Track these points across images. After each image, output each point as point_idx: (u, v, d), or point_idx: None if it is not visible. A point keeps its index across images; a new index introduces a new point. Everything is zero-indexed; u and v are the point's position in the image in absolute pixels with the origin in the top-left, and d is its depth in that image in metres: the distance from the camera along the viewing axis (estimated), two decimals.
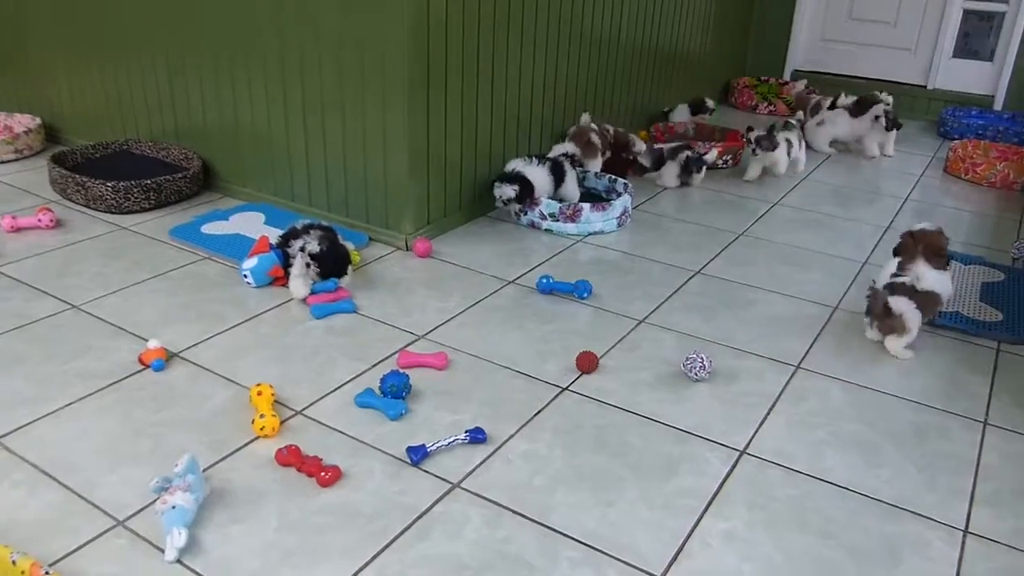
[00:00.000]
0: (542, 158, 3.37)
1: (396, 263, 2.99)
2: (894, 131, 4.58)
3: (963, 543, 1.79)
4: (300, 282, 2.65)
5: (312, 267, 2.65)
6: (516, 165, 3.27)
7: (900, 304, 2.44)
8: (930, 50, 5.40)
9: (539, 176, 3.29)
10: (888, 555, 1.74)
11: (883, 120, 4.53)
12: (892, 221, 3.64)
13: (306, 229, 2.75)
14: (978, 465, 2.05)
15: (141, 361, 2.28)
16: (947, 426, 2.19)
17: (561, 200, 3.38)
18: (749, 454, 2.04)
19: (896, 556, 1.74)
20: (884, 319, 2.48)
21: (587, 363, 2.34)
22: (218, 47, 3.27)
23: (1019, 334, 2.65)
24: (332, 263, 2.70)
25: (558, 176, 3.39)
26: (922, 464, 2.04)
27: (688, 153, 3.92)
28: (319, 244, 2.65)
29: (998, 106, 5.20)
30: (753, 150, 4.01)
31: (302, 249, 2.65)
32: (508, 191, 3.22)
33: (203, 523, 1.73)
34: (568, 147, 3.57)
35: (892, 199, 3.94)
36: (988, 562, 1.74)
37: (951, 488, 1.96)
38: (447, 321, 2.60)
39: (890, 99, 4.70)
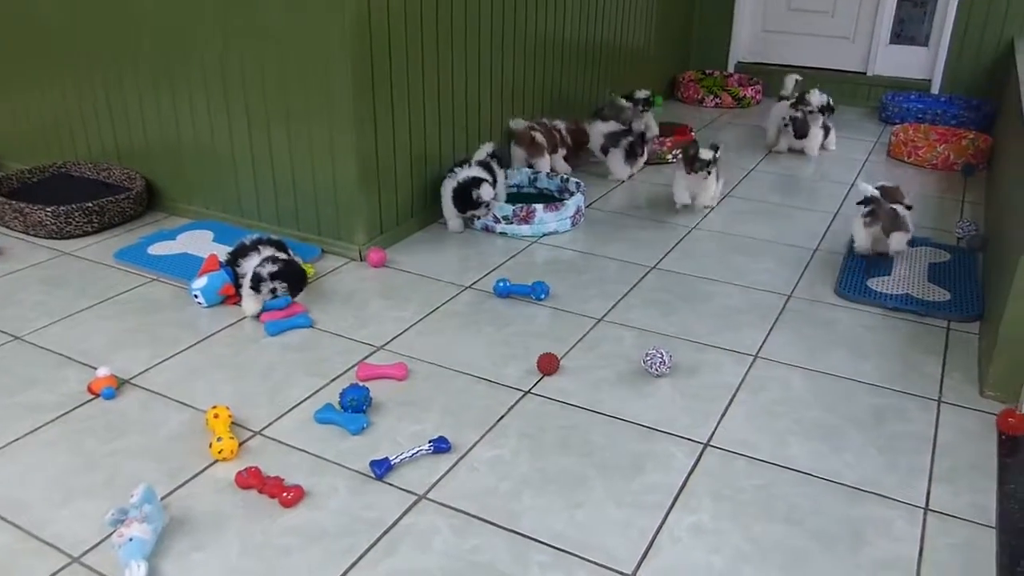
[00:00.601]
0: (468, 162, 3.30)
1: (350, 274, 2.96)
2: (802, 140, 4.39)
3: (924, 521, 1.82)
4: (252, 299, 2.60)
5: (280, 290, 2.61)
6: (460, 174, 3.21)
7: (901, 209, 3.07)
8: (868, 37, 5.50)
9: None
10: (853, 538, 1.76)
11: (789, 127, 4.37)
12: (840, 207, 3.70)
13: (255, 245, 2.70)
14: (935, 443, 2.08)
15: (90, 390, 2.21)
16: (904, 406, 2.23)
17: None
18: (713, 446, 2.05)
19: (861, 538, 1.76)
20: (894, 219, 3.04)
21: (548, 365, 2.33)
22: (156, 62, 3.21)
23: (967, 312, 2.70)
24: (297, 279, 2.66)
25: (491, 176, 3.33)
26: (882, 445, 2.06)
27: (630, 137, 3.93)
28: (274, 264, 2.59)
29: (935, 90, 5.31)
30: (708, 171, 3.51)
31: (262, 278, 2.58)
32: (488, 189, 3.16)
33: (163, 553, 1.69)
34: (489, 147, 3.42)
35: (838, 185, 4.00)
36: (949, 537, 1.77)
37: (911, 467, 1.99)
38: (405, 331, 2.57)
39: (823, 98, 4.45)
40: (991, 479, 1.96)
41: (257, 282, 2.58)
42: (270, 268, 2.58)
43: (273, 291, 2.60)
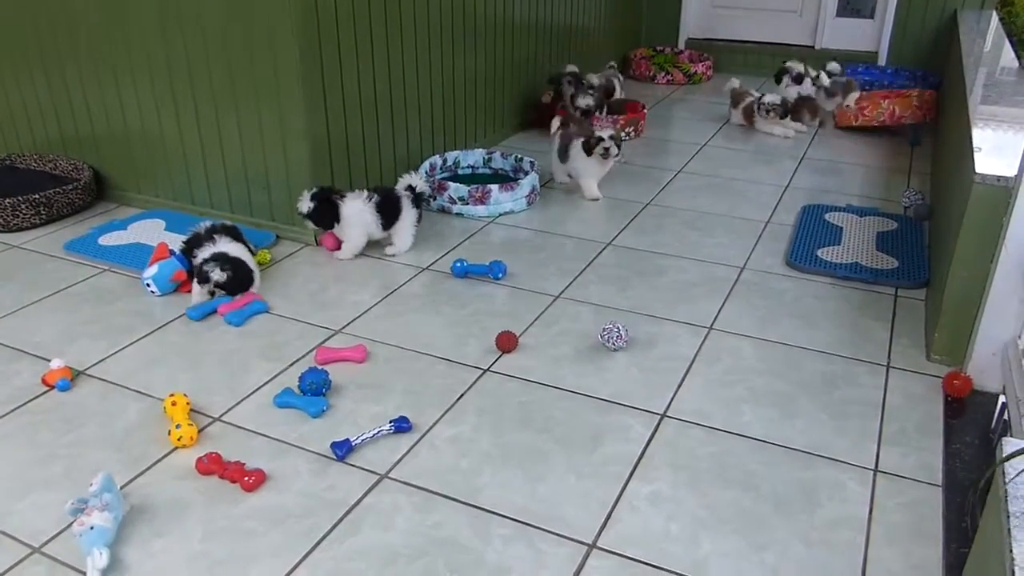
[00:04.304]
0: (375, 191, 2.92)
1: (306, 259, 2.95)
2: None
3: (874, 482, 1.87)
4: (199, 292, 2.59)
5: (219, 294, 2.59)
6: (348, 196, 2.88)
7: None
8: (815, 10, 5.57)
9: (357, 211, 2.86)
10: (806, 501, 1.81)
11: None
12: (791, 179, 3.76)
13: (209, 234, 2.67)
14: (884, 407, 2.14)
15: (45, 382, 2.19)
16: (853, 372, 2.29)
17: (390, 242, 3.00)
18: (670, 417, 2.09)
19: (814, 501, 1.81)
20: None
21: (507, 342, 2.35)
22: (98, 51, 3.14)
23: (914, 279, 2.78)
24: (242, 286, 2.63)
25: (388, 212, 2.91)
26: (833, 411, 2.12)
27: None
28: (222, 270, 2.55)
29: (882, 61, 5.41)
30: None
31: (206, 279, 2.55)
32: (304, 205, 2.80)
33: (125, 541, 1.69)
34: (414, 179, 3.01)
35: (790, 159, 4.06)
36: (898, 497, 1.83)
37: (860, 431, 2.04)
38: (363, 313, 2.58)
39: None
40: (938, 440, 2.02)
41: (201, 281, 2.57)
42: (217, 276, 2.54)
43: (212, 294, 2.58)
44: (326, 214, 2.85)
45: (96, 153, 3.42)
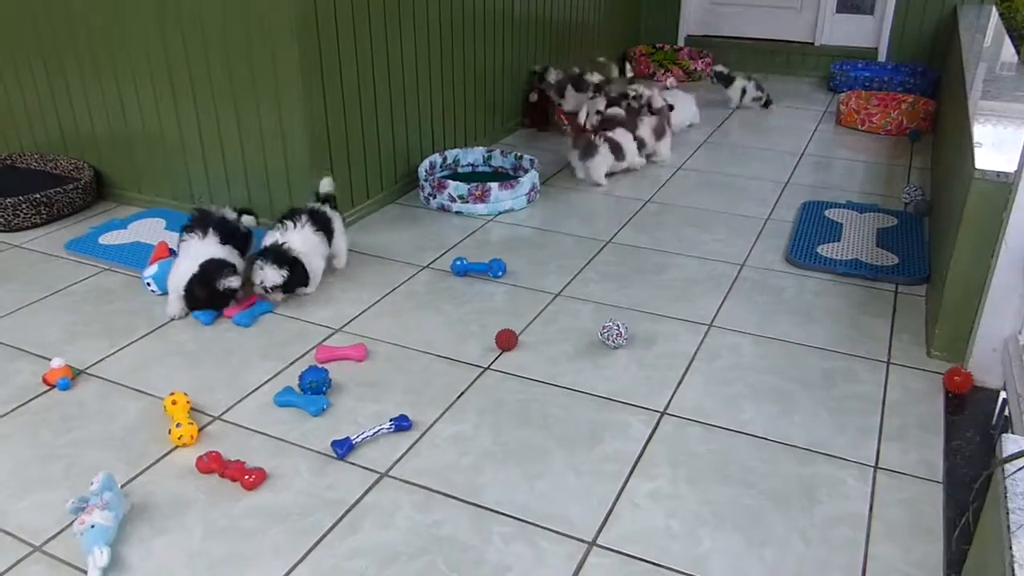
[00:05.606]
0: (295, 213, 2.65)
1: None
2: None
3: (874, 478, 1.87)
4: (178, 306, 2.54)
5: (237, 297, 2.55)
6: (277, 238, 2.58)
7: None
8: (815, 7, 5.56)
9: (303, 241, 2.60)
10: (806, 497, 1.81)
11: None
12: (791, 176, 3.76)
13: (206, 226, 2.63)
14: (884, 403, 2.14)
15: (45, 381, 2.19)
16: (853, 369, 2.29)
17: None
18: (669, 414, 2.09)
19: (813, 497, 1.81)
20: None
21: (506, 341, 2.35)
22: (97, 49, 3.14)
23: (914, 275, 2.77)
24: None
25: (325, 228, 2.69)
26: (832, 407, 2.12)
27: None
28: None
29: (882, 57, 5.40)
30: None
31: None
32: (274, 276, 2.49)
33: (126, 539, 1.69)
34: (326, 183, 2.81)
35: (789, 155, 4.06)
36: (899, 493, 1.83)
37: (861, 427, 2.04)
38: (363, 312, 2.58)
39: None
40: (938, 436, 2.02)
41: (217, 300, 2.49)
42: (230, 282, 2.50)
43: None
44: (298, 274, 2.54)
45: (96, 152, 3.42)
